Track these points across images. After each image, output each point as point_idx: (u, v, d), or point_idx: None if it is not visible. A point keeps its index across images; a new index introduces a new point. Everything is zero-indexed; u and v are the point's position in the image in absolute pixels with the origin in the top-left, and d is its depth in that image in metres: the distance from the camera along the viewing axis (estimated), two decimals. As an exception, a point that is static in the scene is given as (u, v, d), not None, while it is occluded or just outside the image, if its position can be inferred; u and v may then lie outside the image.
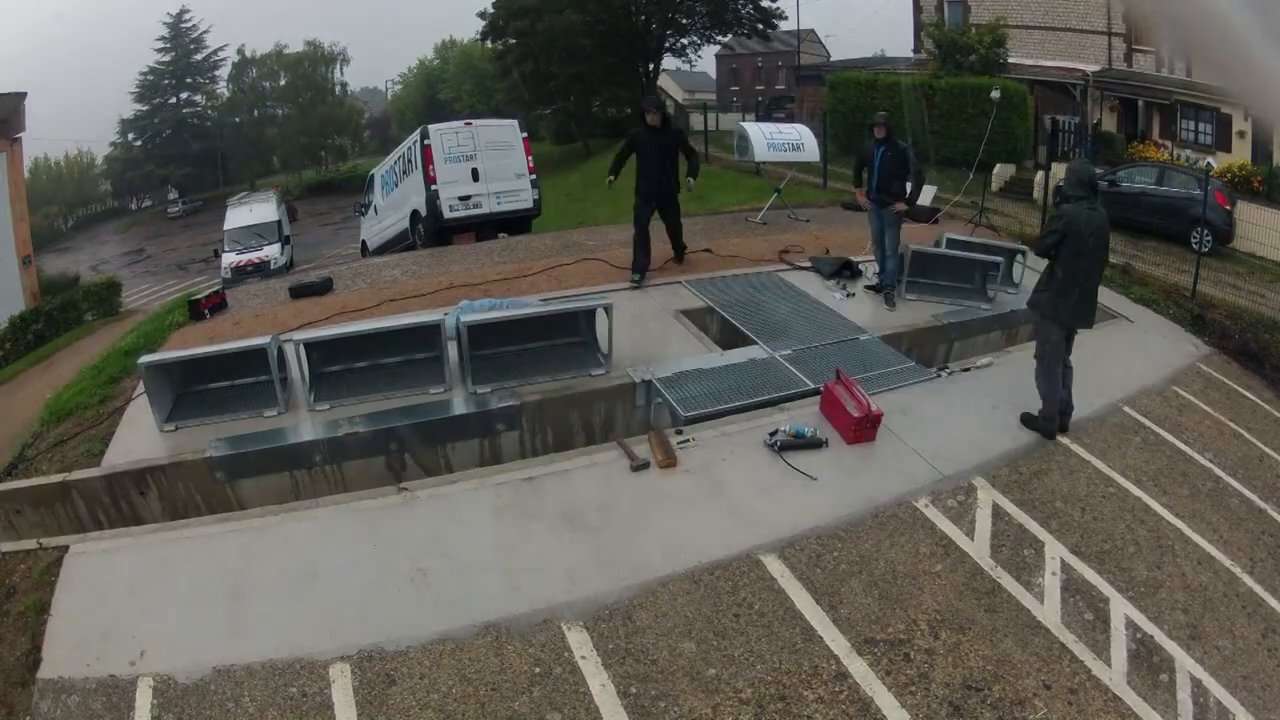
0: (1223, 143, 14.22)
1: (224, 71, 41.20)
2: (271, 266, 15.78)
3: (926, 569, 3.79)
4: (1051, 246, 4.71)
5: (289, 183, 38.10)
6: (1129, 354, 6.56)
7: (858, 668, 3.21)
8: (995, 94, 11.10)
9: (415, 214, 11.22)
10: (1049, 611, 3.62)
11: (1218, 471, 5.05)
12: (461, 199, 10.68)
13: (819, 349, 5.92)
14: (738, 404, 5.10)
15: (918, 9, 20.65)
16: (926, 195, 11.04)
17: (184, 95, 41.47)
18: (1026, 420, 5.06)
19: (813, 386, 5.25)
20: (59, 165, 38.22)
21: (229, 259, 16.49)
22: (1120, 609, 3.71)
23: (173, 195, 37.77)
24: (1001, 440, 4.90)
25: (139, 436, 4.79)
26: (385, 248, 12.65)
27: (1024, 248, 8.05)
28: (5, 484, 4.50)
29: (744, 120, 17.32)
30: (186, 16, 40.26)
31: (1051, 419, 4.98)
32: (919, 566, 3.80)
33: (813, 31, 35.32)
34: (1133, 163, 13.41)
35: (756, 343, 5.99)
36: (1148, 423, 5.43)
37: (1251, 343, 7.22)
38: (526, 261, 8.04)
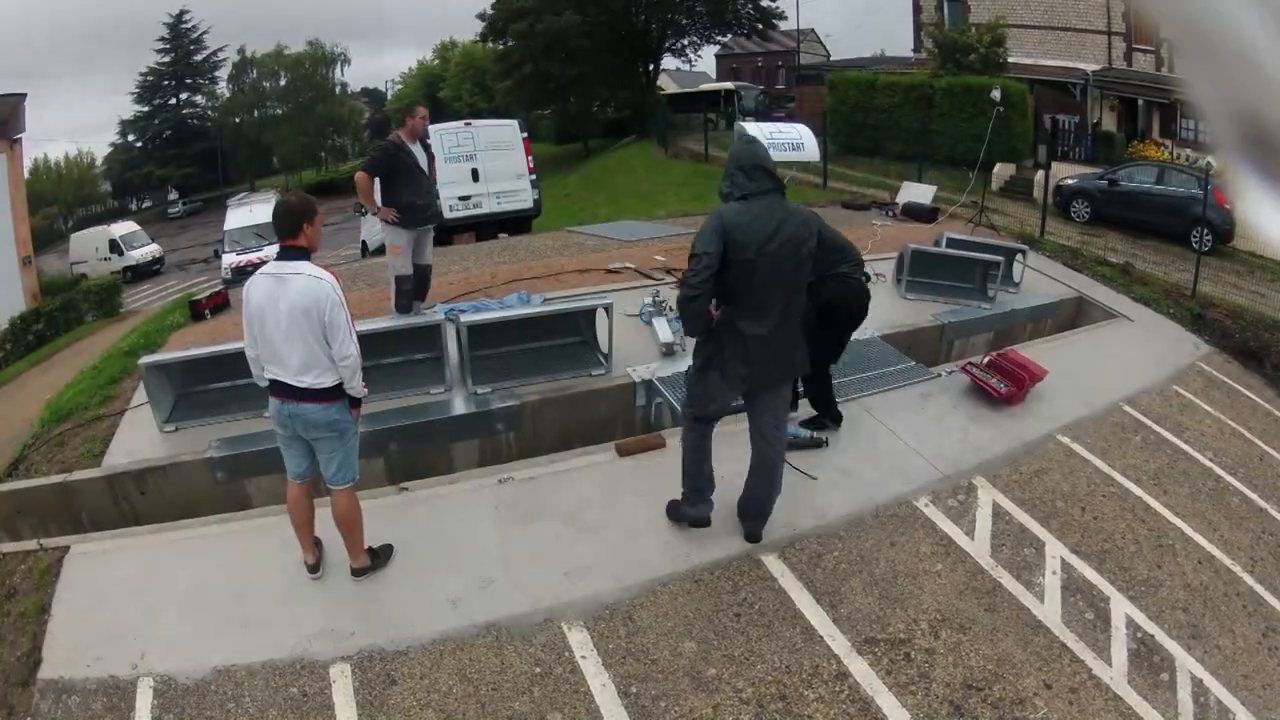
0: (1223, 141, 14.20)
1: (224, 72, 41.35)
2: None
3: (927, 568, 3.78)
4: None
5: (289, 183, 38.18)
6: (1129, 353, 6.56)
7: (858, 667, 3.20)
8: (995, 93, 11.08)
9: None
10: (1049, 611, 3.62)
11: (1218, 470, 5.05)
12: (461, 199, 10.70)
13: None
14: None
15: (917, 9, 20.67)
16: (926, 194, 11.04)
17: (184, 96, 41.58)
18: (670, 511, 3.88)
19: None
20: (59, 166, 38.25)
21: (229, 259, 16.53)
22: (1121, 608, 3.71)
23: (173, 196, 37.91)
24: (1002, 440, 4.89)
25: (139, 437, 4.79)
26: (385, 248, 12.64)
27: (1024, 247, 8.06)
28: (5, 484, 4.49)
29: (744, 119, 17.31)
30: (186, 17, 40.34)
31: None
32: (919, 566, 3.79)
33: (812, 31, 35.36)
34: (1133, 162, 13.42)
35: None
36: (1148, 422, 5.42)
37: (1252, 342, 7.22)
38: (528, 261, 8.04)
